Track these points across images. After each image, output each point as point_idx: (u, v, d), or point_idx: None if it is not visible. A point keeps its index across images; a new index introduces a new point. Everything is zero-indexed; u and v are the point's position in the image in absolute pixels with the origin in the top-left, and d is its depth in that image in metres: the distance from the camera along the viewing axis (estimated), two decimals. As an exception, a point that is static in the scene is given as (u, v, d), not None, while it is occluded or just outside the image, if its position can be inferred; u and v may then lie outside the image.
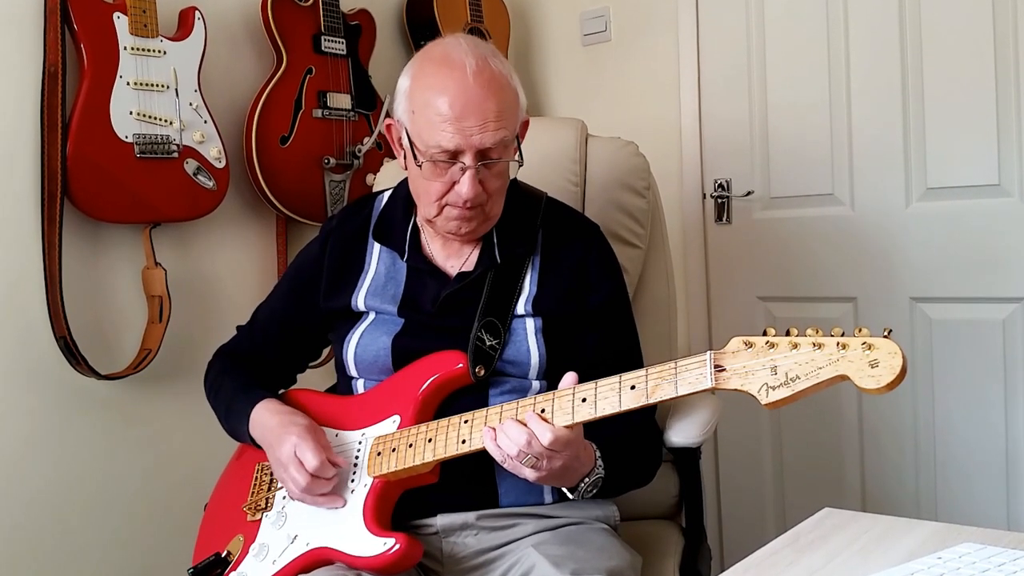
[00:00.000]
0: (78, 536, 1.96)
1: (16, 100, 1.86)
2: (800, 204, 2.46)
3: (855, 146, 2.36)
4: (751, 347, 1.05)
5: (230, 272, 2.25)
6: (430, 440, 1.28)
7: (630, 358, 1.44)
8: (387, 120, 1.43)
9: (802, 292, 2.48)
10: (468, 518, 1.36)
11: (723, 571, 0.99)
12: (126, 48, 1.92)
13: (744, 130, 2.53)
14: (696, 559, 1.58)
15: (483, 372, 1.35)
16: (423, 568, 1.37)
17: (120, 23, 1.91)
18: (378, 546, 1.27)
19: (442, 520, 1.37)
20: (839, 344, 0.99)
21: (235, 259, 2.26)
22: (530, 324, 1.39)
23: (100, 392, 1.97)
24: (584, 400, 1.18)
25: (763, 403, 1.02)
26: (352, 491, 1.34)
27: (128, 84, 1.92)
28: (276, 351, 1.57)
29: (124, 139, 1.91)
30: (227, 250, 2.24)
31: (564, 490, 1.30)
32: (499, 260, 1.41)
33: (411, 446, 1.30)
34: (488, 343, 1.36)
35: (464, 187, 1.31)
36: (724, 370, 1.06)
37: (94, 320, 1.98)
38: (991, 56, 2.15)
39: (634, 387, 1.14)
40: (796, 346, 1.01)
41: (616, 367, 1.20)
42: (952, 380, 2.28)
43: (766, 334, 1.04)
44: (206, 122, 2.05)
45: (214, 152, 2.06)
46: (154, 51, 1.96)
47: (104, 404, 1.99)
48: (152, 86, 1.96)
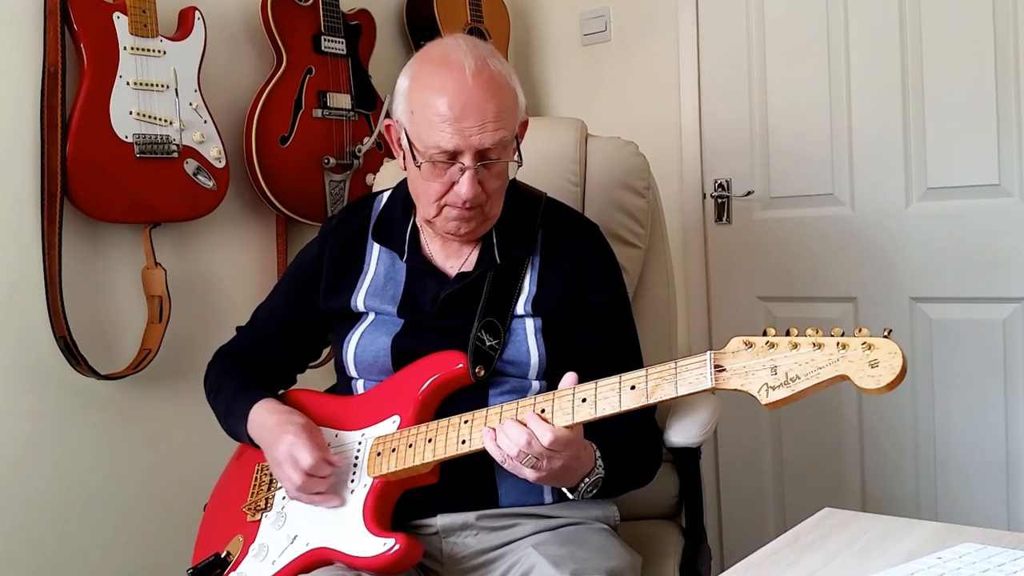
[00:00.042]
0: (78, 536, 1.96)
1: (16, 100, 1.86)
2: (800, 204, 2.46)
3: (855, 146, 2.36)
4: (751, 347, 1.05)
5: (230, 272, 2.25)
6: (430, 440, 1.28)
7: (630, 358, 1.44)
8: (386, 121, 1.43)
9: (802, 292, 2.48)
10: (468, 518, 1.36)
11: (723, 571, 0.99)
12: (126, 48, 1.92)
13: (744, 130, 2.53)
14: (696, 559, 1.58)
15: (483, 372, 1.35)
16: (423, 568, 1.37)
17: (120, 23, 1.91)
18: (378, 546, 1.27)
19: (442, 520, 1.36)
20: (839, 344, 0.99)
21: (235, 259, 2.26)
22: (530, 324, 1.39)
23: (100, 392, 1.97)
24: (584, 400, 1.18)
25: (763, 403, 1.02)
26: (352, 491, 1.34)
27: (128, 84, 1.92)
28: (276, 351, 1.57)
29: (124, 139, 1.91)
30: (227, 250, 2.24)
31: (564, 490, 1.30)
32: (499, 260, 1.41)
33: (411, 446, 1.30)
34: (488, 343, 1.36)
35: (463, 187, 1.31)
36: (724, 370, 1.06)
37: (94, 320, 1.98)
38: (991, 56, 2.15)
39: (634, 387, 1.14)
40: (796, 346, 1.01)
41: (616, 367, 1.20)
42: (952, 380, 2.28)
43: (766, 334, 1.04)
44: (206, 122, 2.05)
45: (214, 152, 2.06)
46: (154, 51, 1.96)
47: (104, 404, 1.99)
48: (152, 86, 1.96)
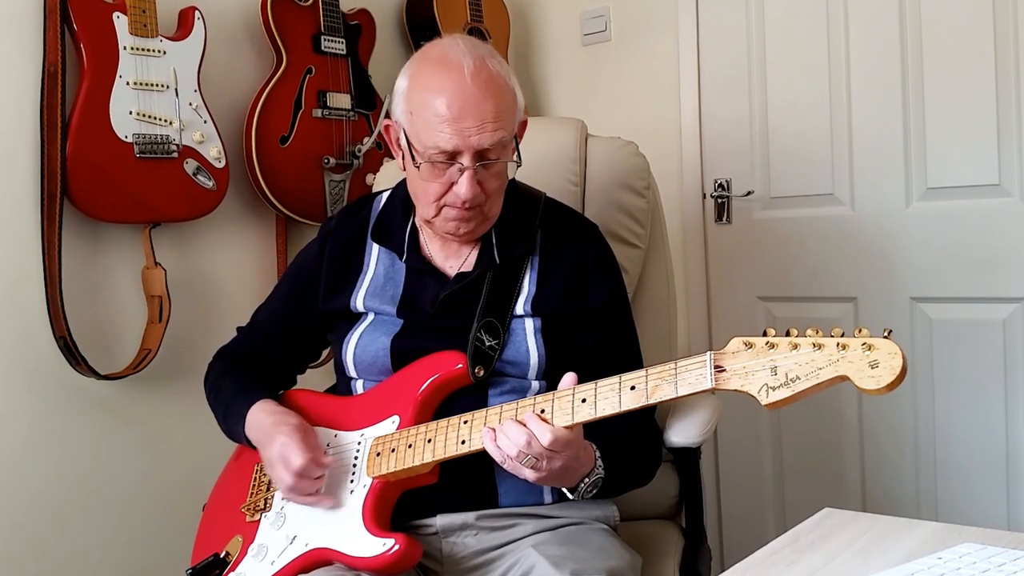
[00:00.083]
0: (78, 536, 1.96)
1: (16, 100, 1.86)
2: (800, 204, 2.46)
3: (855, 146, 2.36)
4: (751, 347, 1.05)
5: (230, 272, 2.24)
6: (429, 440, 1.28)
7: (629, 358, 1.44)
8: (385, 121, 1.43)
9: (802, 292, 2.48)
10: (468, 518, 1.36)
11: (723, 571, 0.99)
12: (126, 48, 1.92)
13: (744, 130, 2.53)
14: (696, 559, 1.58)
15: (482, 372, 1.35)
16: (423, 568, 1.37)
17: (120, 23, 1.91)
18: (377, 546, 1.26)
19: (442, 520, 1.36)
20: (839, 344, 0.99)
21: (235, 259, 2.26)
22: (529, 324, 1.39)
23: (100, 392, 1.97)
24: (584, 400, 1.17)
25: (763, 404, 1.02)
26: (351, 491, 1.34)
27: (128, 84, 1.92)
28: (276, 351, 1.57)
29: (124, 139, 1.91)
30: (227, 250, 2.24)
31: (564, 490, 1.30)
32: (498, 260, 1.41)
33: (410, 446, 1.30)
34: (487, 343, 1.36)
35: (462, 188, 1.31)
36: (724, 370, 1.06)
37: (94, 320, 1.98)
38: (991, 56, 2.15)
39: (634, 387, 1.14)
40: (796, 346, 1.01)
41: (615, 367, 1.20)
42: (952, 380, 2.28)
43: (766, 334, 1.04)
44: (206, 122, 2.05)
45: (214, 152, 2.06)
46: (154, 51, 1.96)
47: (103, 404, 1.99)
48: (152, 86, 1.96)
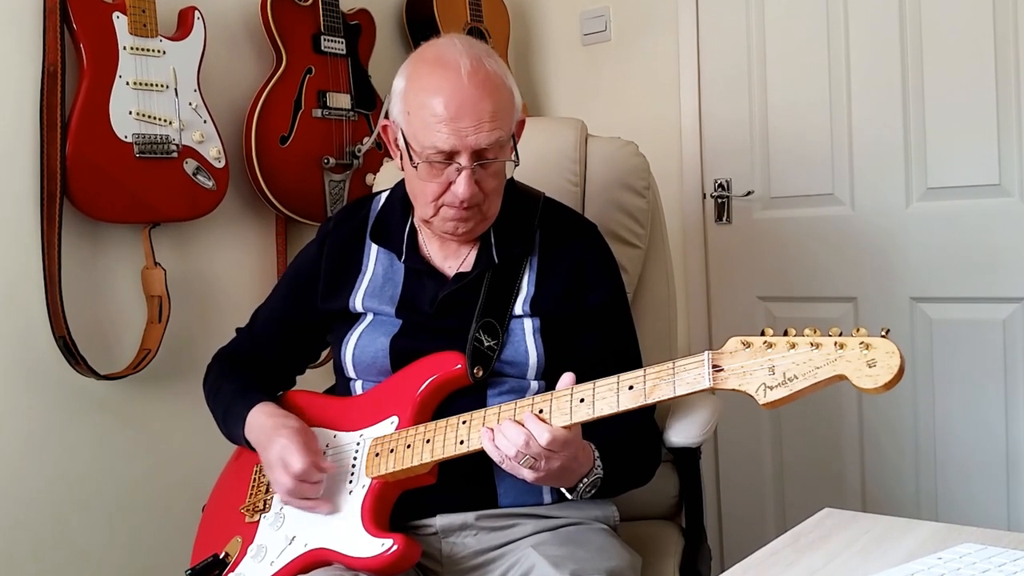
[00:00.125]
0: (77, 536, 1.96)
1: (15, 100, 1.86)
2: (800, 204, 2.46)
3: (855, 146, 2.36)
4: (749, 347, 1.05)
5: (229, 272, 2.24)
6: (428, 441, 1.28)
7: (628, 358, 1.44)
8: (383, 121, 1.43)
9: (802, 292, 2.48)
10: (467, 518, 1.36)
11: (723, 571, 0.99)
12: (125, 48, 1.92)
13: (744, 130, 2.53)
14: (696, 559, 1.58)
15: (481, 373, 1.35)
16: (422, 568, 1.37)
17: (119, 23, 1.91)
18: (376, 547, 1.26)
19: (441, 520, 1.36)
20: (837, 344, 0.99)
21: (235, 259, 2.26)
22: (528, 324, 1.39)
23: (99, 392, 1.97)
24: (582, 400, 1.17)
25: (761, 403, 1.02)
26: (350, 492, 1.33)
27: (127, 84, 1.92)
28: (275, 352, 1.57)
29: (123, 139, 1.91)
30: (227, 250, 2.24)
31: (563, 490, 1.30)
32: (497, 260, 1.41)
33: (409, 447, 1.30)
34: (486, 344, 1.36)
35: (460, 187, 1.31)
36: (722, 370, 1.06)
37: (93, 320, 1.98)
38: (991, 56, 2.15)
39: (632, 387, 1.14)
40: (794, 346, 1.01)
41: (615, 367, 1.19)
42: (952, 380, 2.28)
43: (764, 334, 1.04)
44: (205, 122, 2.05)
45: (213, 152, 2.06)
46: (153, 51, 1.96)
47: (103, 404, 1.99)
48: (151, 86, 1.96)
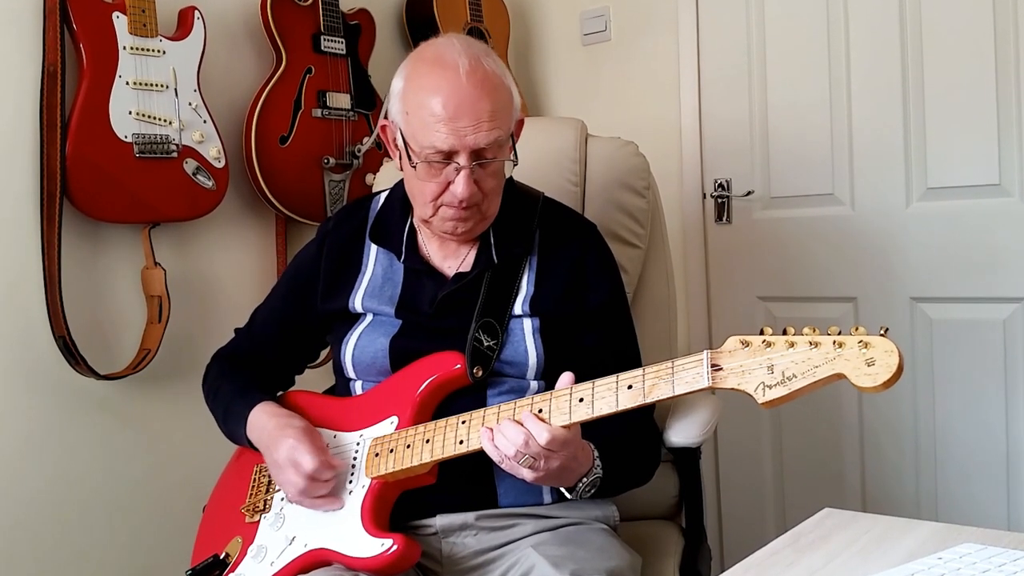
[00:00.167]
0: (77, 536, 1.96)
1: (15, 100, 1.86)
2: (800, 204, 2.46)
3: (855, 146, 2.36)
4: (748, 346, 1.05)
5: (229, 272, 2.24)
6: (428, 441, 1.28)
7: (628, 358, 1.44)
8: (382, 121, 1.43)
9: (802, 292, 2.48)
10: (467, 518, 1.36)
11: (723, 571, 0.99)
12: (125, 48, 1.92)
13: (744, 130, 2.53)
14: (696, 559, 1.58)
15: (481, 373, 1.34)
16: (422, 568, 1.37)
17: (119, 23, 1.91)
18: (376, 547, 1.26)
19: (441, 520, 1.36)
20: (835, 343, 0.99)
21: (234, 259, 2.26)
22: (528, 324, 1.39)
23: (99, 392, 1.97)
24: (581, 400, 1.17)
25: (760, 402, 1.02)
26: (350, 492, 1.33)
27: (127, 84, 1.92)
28: (275, 351, 1.57)
29: (123, 139, 1.91)
30: (226, 250, 2.24)
31: (562, 490, 1.30)
32: (496, 260, 1.41)
33: (409, 447, 1.30)
34: (486, 344, 1.36)
35: (459, 187, 1.31)
36: (721, 369, 1.06)
37: (93, 320, 1.98)
38: (991, 56, 2.15)
39: (631, 387, 1.14)
40: (792, 345, 1.01)
41: (614, 367, 1.19)
42: (952, 380, 2.28)
43: (763, 333, 1.04)
44: (205, 122, 2.05)
45: (213, 152, 2.06)
46: (153, 51, 1.96)
47: (103, 404, 1.99)
48: (151, 86, 1.96)
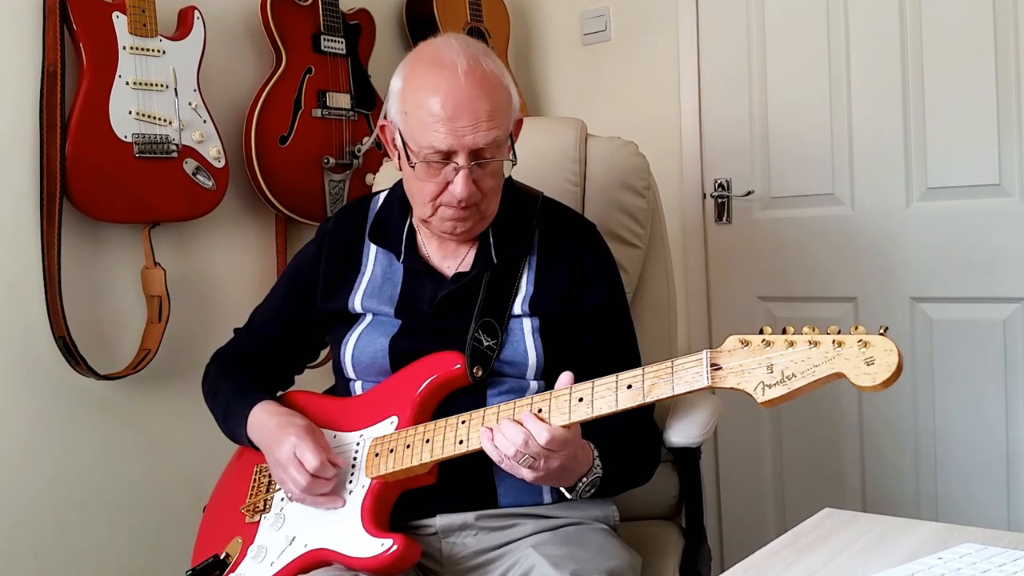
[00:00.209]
0: (77, 536, 1.96)
1: (15, 100, 1.86)
2: (800, 204, 2.46)
3: (855, 146, 2.36)
4: (747, 345, 1.04)
5: (229, 272, 2.24)
6: (428, 441, 1.28)
7: (628, 358, 1.44)
8: (381, 121, 1.43)
9: (802, 292, 2.48)
10: (467, 518, 1.36)
11: (723, 571, 0.98)
12: (125, 48, 1.92)
13: (744, 130, 2.53)
14: (696, 559, 1.58)
15: (481, 373, 1.34)
16: (422, 568, 1.37)
17: (119, 22, 1.91)
18: (376, 547, 1.26)
19: (441, 520, 1.36)
20: (835, 342, 0.99)
21: (234, 259, 2.26)
22: (527, 324, 1.39)
23: (99, 392, 1.97)
24: (581, 400, 1.17)
25: (759, 401, 1.02)
26: (350, 492, 1.33)
27: (127, 84, 1.92)
28: (274, 351, 1.57)
29: (123, 139, 1.91)
30: (226, 250, 2.24)
31: (562, 490, 1.30)
32: (495, 260, 1.41)
33: (409, 447, 1.30)
34: (485, 344, 1.36)
35: (458, 187, 1.31)
36: (720, 368, 1.06)
37: (93, 320, 1.98)
38: (991, 56, 2.15)
39: (631, 386, 1.14)
40: (792, 344, 1.01)
41: (614, 367, 1.19)
42: (952, 380, 2.28)
43: (762, 332, 1.04)
44: (205, 122, 2.05)
45: (213, 152, 2.06)
46: (153, 51, 1.96)
47: (103, 404, 1.99)
48: (151, 86, 1.96)
